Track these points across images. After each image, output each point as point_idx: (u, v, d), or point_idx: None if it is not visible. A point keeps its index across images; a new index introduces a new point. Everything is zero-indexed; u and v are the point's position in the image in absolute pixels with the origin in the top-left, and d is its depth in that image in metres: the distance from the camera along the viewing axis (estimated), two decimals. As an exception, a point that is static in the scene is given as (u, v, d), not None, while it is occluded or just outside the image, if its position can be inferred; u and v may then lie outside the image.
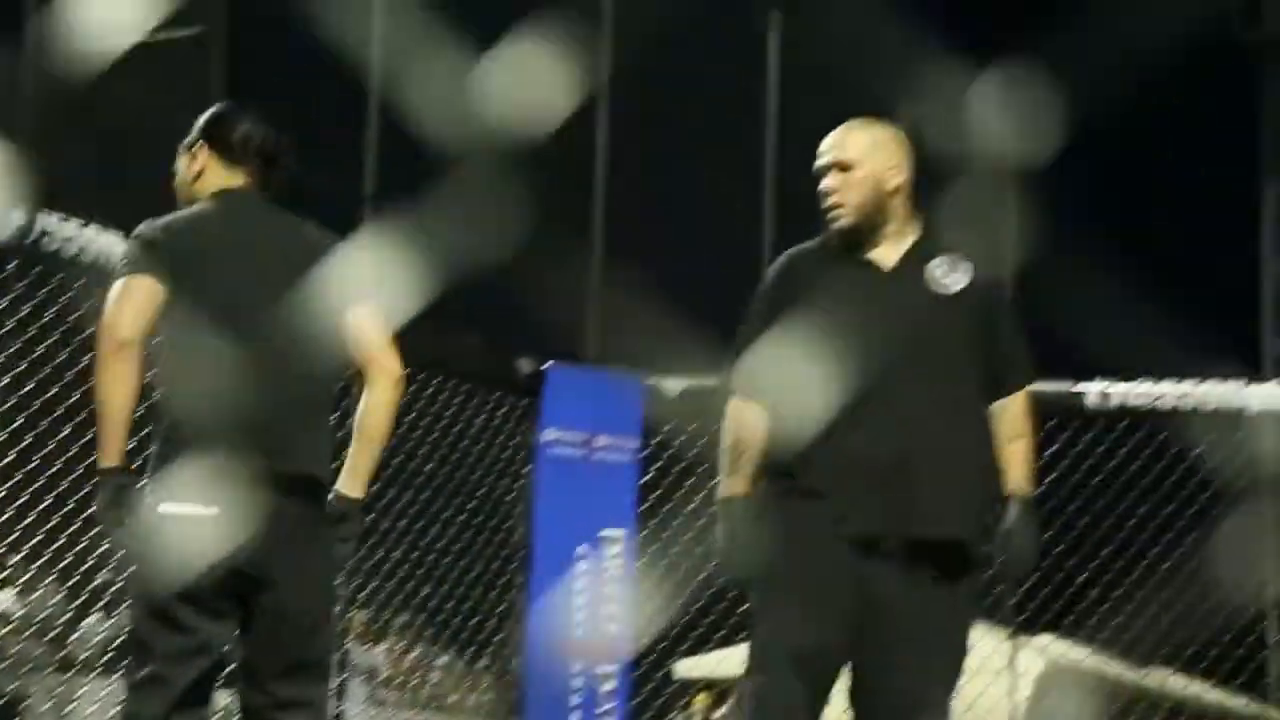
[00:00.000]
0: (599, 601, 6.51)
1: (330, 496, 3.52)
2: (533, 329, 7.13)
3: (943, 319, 3.60)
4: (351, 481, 3.52)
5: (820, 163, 3.73)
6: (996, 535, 3.62)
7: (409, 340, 3.69)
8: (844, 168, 3.68)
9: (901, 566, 3.53)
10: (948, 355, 3.59)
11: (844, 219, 3.67)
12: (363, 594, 7.02)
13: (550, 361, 6.74)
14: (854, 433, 3.52)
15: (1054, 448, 6.45)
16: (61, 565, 5.97)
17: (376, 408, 3.54)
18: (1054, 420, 6.41)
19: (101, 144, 6.72)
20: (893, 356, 3.54)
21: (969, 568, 3.61)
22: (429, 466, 6.75)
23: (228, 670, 3.47)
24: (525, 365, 6.75)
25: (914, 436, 3.53)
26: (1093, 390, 6.34)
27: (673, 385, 6.81)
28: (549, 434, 6.56)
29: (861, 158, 3.68)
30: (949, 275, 3.66)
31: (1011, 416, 3.68)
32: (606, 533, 6.53)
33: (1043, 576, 6.50)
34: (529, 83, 6.68)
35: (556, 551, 6.47)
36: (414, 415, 6.59)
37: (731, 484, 3.65)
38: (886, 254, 3.69)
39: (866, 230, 3.68)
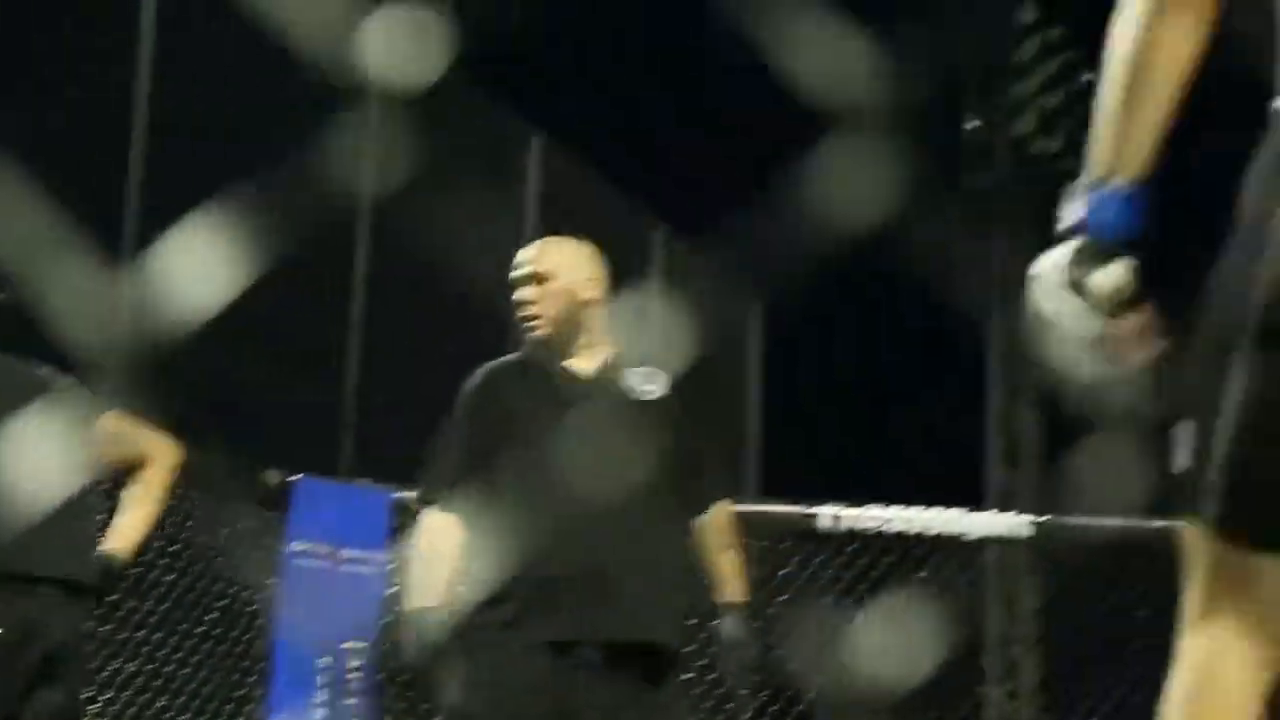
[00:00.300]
0: (339, 714, 6.51)
1: (99, 556, 3.53)
2: (284, 441, 7.15)
3: (639, 427, 3.70)
4: (123, 542, 3.55)
5: (517, 274, 3.82)
6: (716, 644, 3.72)
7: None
8: (541, 279, 3.78)
9: (602, 674, 3.58)
10: (645, 462, 3.67)
11: (540, 329, 3.77)
12: (96, 705, 6.89)
13: (299, 474, 6.77)
14: (550, 541, 3.56)
15: (787, 569, 6.70)
16: None
17: (153, 485, 3.61)
18: (788, 542, 6.67)
19: None
20: (589, 463, 3.61)
21: (671, 671, 3.68)
22: (169, 577, 6.69)
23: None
24: (272, 477, 6.76)
25: (611, 541, 3.60)
26: (825, 514, 6.59)
27: (421, 500, 6.87)
28: (295, 546, 6.57)
29: (558, 270, 3.79)
30: (645, 385, 3.78)
31: (717, 528, 3.81)
32: (349, 645, 6.54)
33: (777, 690, 6.71)
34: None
35: (298, 664, 6.45)
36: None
37: (422, 595, 3.65)
38: (583, 364, 3.79)
39: (563, 341, 3.78)
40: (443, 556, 3.62)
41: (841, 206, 7.83)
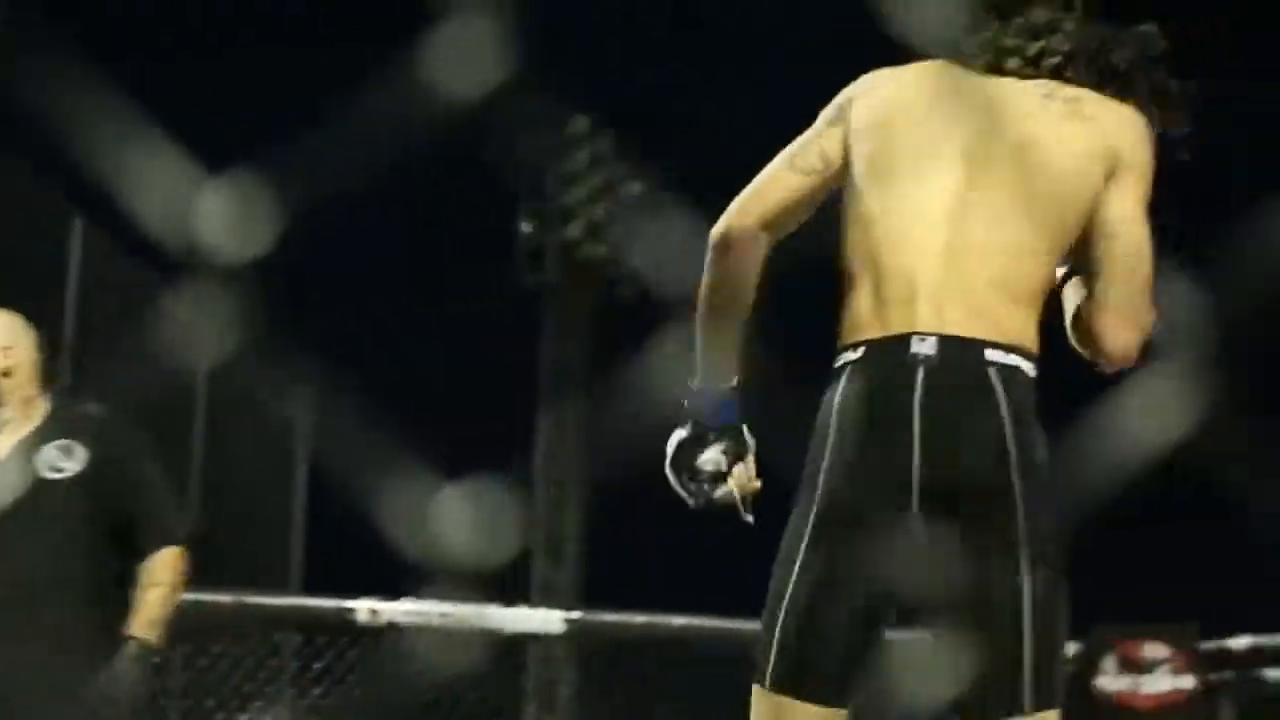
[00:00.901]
0: None
1: None
2: None
3: (50, 503, 3.65)
4: None
5: None
6: (104, 672, 3.62)
7: None
8: None
9: None
10: (52, 541, 3.64)
11: None
12: None
13: None
14: None
15: (322, 663, 6.66)
16: None
17: None
18: (325, 638, 6.64)
19: None
20: None
21: None
22: None
23: None
24: None
25: (7, 635, 3.56)
26: (363, 607, 6.60)
27: None
28: None
29: None
30: (63, 459, 3.69)
31: (151, 570, 3.72)
32: None
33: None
34: None
35: None
36: None
37: None
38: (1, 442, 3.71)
39: None
40: None
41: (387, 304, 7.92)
